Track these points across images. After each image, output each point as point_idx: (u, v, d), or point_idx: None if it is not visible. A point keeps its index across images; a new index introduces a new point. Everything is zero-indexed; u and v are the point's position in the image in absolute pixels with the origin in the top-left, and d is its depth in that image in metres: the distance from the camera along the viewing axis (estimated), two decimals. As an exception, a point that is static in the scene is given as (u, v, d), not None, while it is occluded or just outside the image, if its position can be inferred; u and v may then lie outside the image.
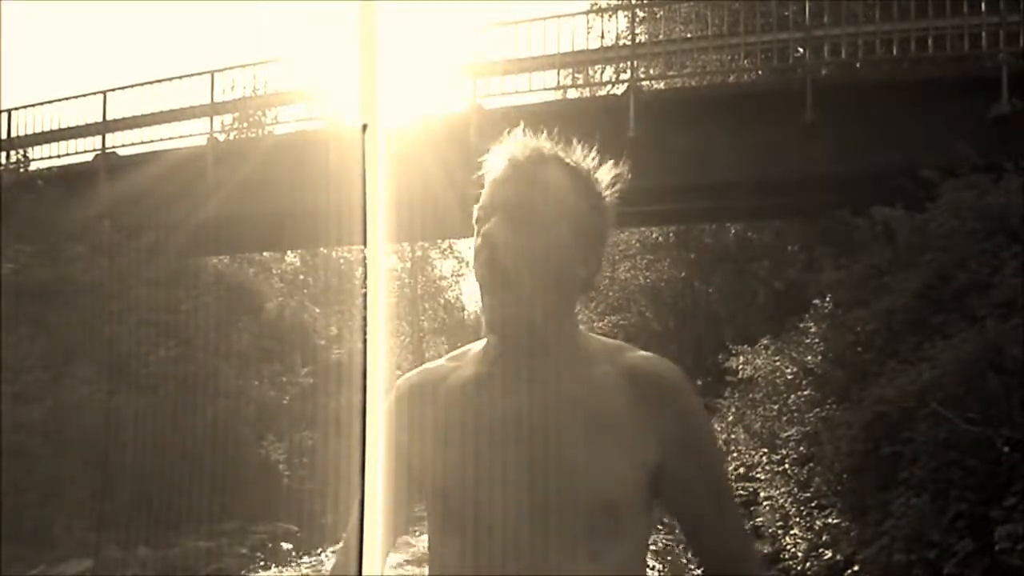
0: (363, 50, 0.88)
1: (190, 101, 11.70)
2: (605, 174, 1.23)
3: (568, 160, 1.21)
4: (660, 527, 7.92)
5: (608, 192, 1.23)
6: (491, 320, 1.18)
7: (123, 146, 12.11)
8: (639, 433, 1.14)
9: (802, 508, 7.30)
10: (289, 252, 18.17)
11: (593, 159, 1.24)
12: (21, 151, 12.36)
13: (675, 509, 1.20)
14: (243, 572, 8.72)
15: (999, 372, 5.28)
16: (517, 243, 1.15)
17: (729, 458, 10.21)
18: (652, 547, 8.11)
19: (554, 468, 1.11)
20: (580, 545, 1.10)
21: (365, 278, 0.96)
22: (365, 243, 0.93)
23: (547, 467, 1.12)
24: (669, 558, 8.69)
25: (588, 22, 13.28)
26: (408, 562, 7.45)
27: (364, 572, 0.93)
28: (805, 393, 7.96)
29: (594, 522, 1.10)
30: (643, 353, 1.22)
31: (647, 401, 1.15)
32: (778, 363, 8.98)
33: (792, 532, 7.42)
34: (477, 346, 1.28)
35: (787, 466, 7.83)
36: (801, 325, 9.09)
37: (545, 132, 1.23)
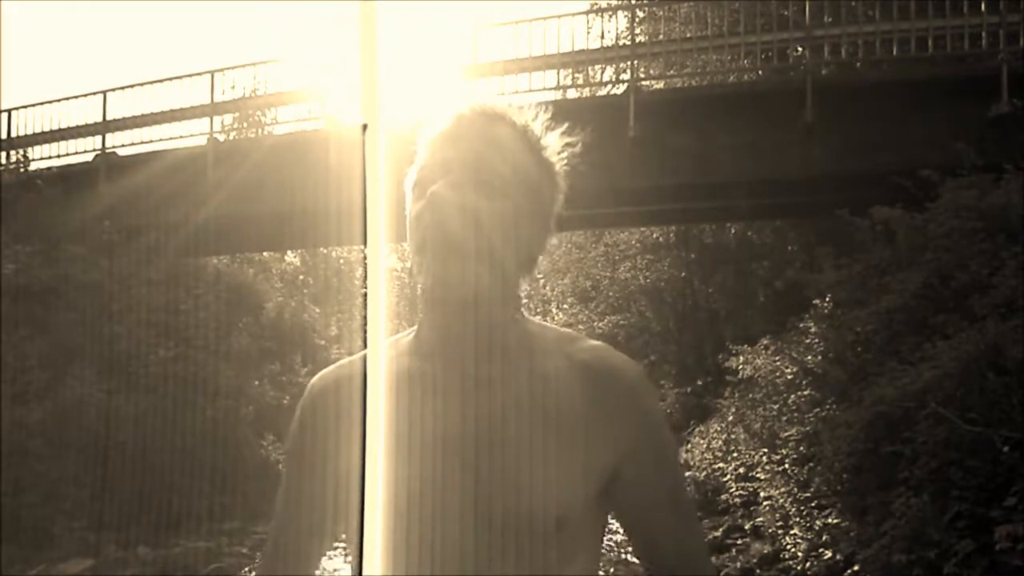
0: (363, 50, 0.88)
1: (190, 101, 11.71)
2: (556, 140, 1.11)
3: (519, 122, 1.08)
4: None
5: (559, 159, 1.11)
6: (433, 299, 1.04)
7: (123, 146, 12.12)
8: (594, 438, 1.04)
9: (802, 508, 7.30)
10: (289, 252, 18.18)
11: (545, 123, 1.11)
12: (21, 151, 12.37)
13: (626, 512, 1.10)
14: (243, 572, 8.72)
15: (999, 372, 5.28)
16: (471, 207, 1.01)
17: (729, 458, 10.22)
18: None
19: (500, 483, 1.01)
20: (529, 565, 1.00)
21: (365, 278, 0.96)
22: (365, 243, 0.93)
23: (492, 481, 1.01)
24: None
25: (588, 22, 13.26)
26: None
27: (364, 572, 0.92)
28: (805, 393, 7.96)
29: (545, 540, 1.00)
30: (595, 344, 1.11)
31: (603, 401, 1.05)
32: (778, 363, 8.98)
33: (792, 532, 7.42)
34: (409, 335, 1.13)
35: (787, 466, 7.83)
36: (801, 325, 9.10)
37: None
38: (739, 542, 8.60)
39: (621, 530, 1.15)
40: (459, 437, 1.03)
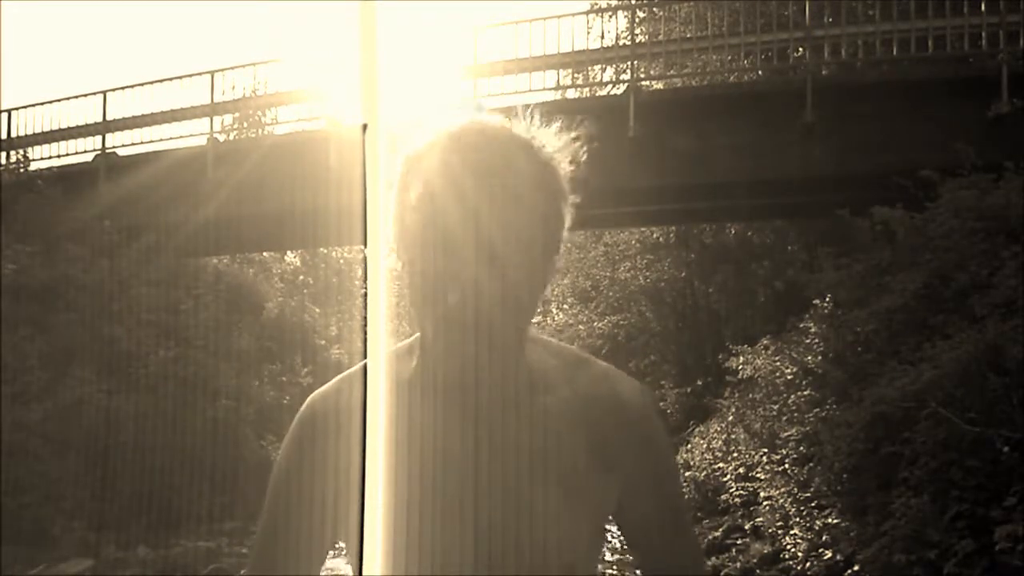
0: (363, 50, 0.88)
1: (190, 101, 11.71)
2: (562, 144, 1.03)
3: (521, 132, 1.00)
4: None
5: (566, 168, 1.03)
6: (437, 318, 0.96)
7: (123, 146, 12.12)
8: (601, 478, 1.02)
9: (802, 508, 7.29)
10: (289, 252, 18.16)
11: (554, 132, 1.03)
12: (21, 151, 12.36)
13: (627, 531, 1.10)
14: (243, 572, 8.72)
15: (999, 372, 5.28)
16: (472, 202, 0.93)
17: (729, 458, 10.21)
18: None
19: (504, 530, 0.97)
20: None
21: (365, 278, 0.96)
22: (365, 243, 0.93)
23: (496, 529, 0.97)
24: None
25: (588, 22, 13.23)
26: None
27: (364, 572, 0.92)
28: (805, 393, 7.96)
29: None
30: (603, 371, 1.08)
31: (610, 435, 1.02)
32: (778, 363, 8.97)
33: (792, 532, 7.42)
34: (406, 355, 1.06)
35: (787, 466, 7.82)
36: (801, 325, 9.09)
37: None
38: (739, 542, 8.60)
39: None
40: (458, 482, 0.99)
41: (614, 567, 8.08)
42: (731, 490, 9.74)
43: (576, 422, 1.02)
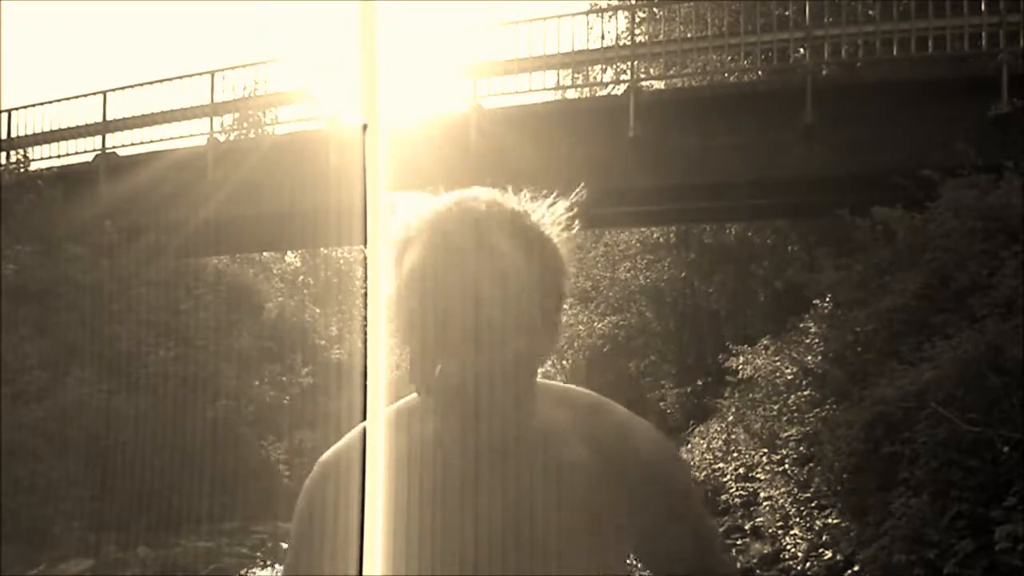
0: (363, 50, 0.88)
1: (190, 101, 11.71)
2: (553, 216, 1.02)
3: (512, 207, 1.00)
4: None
5: (557, 233, 1.02)
6: (429, 390, 0.95)
7: (123, 146, 12.12)
8: (616, 530, 1.02)
9: (802, 508, 7.30)
10: (289, 252, 18.17)
11: (550, 209, 1.02)
12: (21, 151, 12.36)
13: (656, 564, 1.09)
14: (243, 572, 8.73)
15: (999, 372, 5.28)
16: (483, 293, 0.93)
17: (729, 458, 10.22)
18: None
19: None
20: None
21: (365, 278, 0.96)
22: (365, 243, 0.93)
23: None
24: None
25: (588, 22, 13.28)
26: None
27: (364, 572, 0.92)
28: (805, 393, 7.96)
29: None
30: (618, 421, 1.06)
31: (628, 488, 1.02)
32: (778, 363, 8.98)
33: (792, 532, 7.42)
34: (410, 419, 1.04)
35: (787, 466, 7.83)
36: (801, 325, 9.09)
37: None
38: (739, 542, 8.60)
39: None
40: (479, 548, 0.98)
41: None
42: (731, 490, 9.74)
43: (592, 478, 1.01)
